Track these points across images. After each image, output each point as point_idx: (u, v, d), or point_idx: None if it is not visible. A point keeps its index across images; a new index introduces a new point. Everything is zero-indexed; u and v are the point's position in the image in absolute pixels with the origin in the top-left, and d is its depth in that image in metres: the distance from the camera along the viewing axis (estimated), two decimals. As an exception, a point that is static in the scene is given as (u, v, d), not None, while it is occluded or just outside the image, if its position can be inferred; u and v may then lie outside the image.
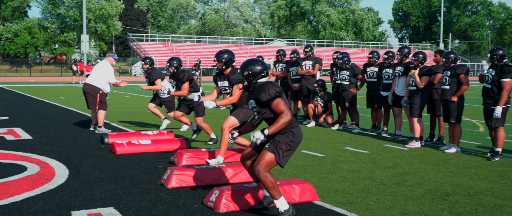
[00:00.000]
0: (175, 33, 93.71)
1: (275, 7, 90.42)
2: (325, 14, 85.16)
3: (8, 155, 7.99)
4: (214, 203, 5.14)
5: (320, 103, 12.22)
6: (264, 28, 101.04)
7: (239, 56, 62.66)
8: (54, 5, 66.02)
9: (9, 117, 13.43)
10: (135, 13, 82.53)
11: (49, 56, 77.00)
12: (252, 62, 4.87)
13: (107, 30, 66.60)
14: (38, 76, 52.50)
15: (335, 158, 8.02)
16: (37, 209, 5.11)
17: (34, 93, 23.97)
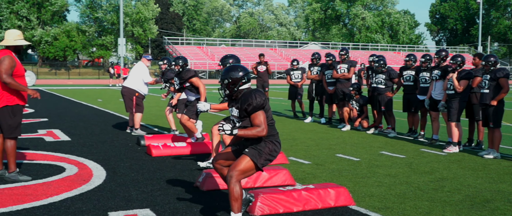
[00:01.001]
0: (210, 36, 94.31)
1: (310, 10, 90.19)
2: (360, 17, 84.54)
3: (47, 156, 8.15)
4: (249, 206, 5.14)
5: (355, 106, 12.12)
6: (299, 31, 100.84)
7: (274, 60, 62.70)
8: (92, 9, 67.24)
9: (49, 119, 13.71)
10: (170, 16, 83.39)
11: (87, 59, 78.39)
12: (232, 68, 4.61)
13: (144, 33, 67.47)
14: (76, 79, 53.52)
15: (371, 163, 7.94)
16: (75, 209, 5.19)
17: (73, 96, 24.43)
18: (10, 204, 5.32)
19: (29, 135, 10.41)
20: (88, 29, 66.66)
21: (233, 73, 4.57)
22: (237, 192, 4.40)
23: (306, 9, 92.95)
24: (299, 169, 7.35)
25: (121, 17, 43.96)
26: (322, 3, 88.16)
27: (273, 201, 5.13)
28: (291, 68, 14.88)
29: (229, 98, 4.67)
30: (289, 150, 9.00)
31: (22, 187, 6.07)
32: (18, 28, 61.52)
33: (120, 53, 43.80)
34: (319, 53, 14.07)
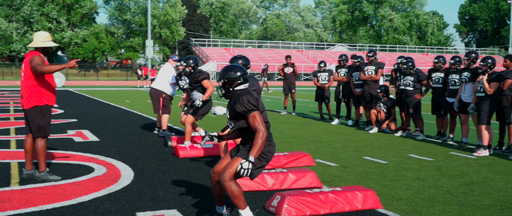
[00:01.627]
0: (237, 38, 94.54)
1: (337, 12, 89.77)
2: (388, 18, 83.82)
3: (76, 156, 8.26)
4: (275, 208, 5.13)
5: (383, 108, 12.01)
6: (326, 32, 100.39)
7: (301, 61, 62.58)
8: (120, 11, 68.01)
9: (78, 119, 13.90)
10: (197, 18, 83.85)
11: (115, 61, 79.31)
12: (229, 68, 4.60)
13: (171, 35, 67.99)
14: (104, 80, 54.17)
15: (399, 165, 7.85)
16: (104, 209, 5.25)
17: (101, 97, 24.72)
18: (40, 203, 5.40)
19: (58, 136, 10.57)
20: (117, 31, 67.47)
21: (230, 73, 4.56)
22: (236, 190, 4.36)
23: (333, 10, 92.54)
24: (326, 172, 7.31)
25: (149, 19, 44.35)
26: (349, 4, 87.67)
27: (300, 204, 5.11)
28: (318, 70, 14.82)
29: (226, 98, 4.67)
30: (315, 152, 8.96)
31: (52, 186, 6.17)
32: (48, 30, 62.57)
33: (148, 55, 44.19)
34: (346, 55, 13.99)
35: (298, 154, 7.87)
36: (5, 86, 36.62)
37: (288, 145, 9.83)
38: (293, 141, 10.46)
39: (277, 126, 12.99)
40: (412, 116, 11.29)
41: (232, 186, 4.34)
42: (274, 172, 6.35)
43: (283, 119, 14.72)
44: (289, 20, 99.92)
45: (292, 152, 8.00)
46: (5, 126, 12.00)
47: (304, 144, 9.97)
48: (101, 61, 73.58)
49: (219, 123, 13.39)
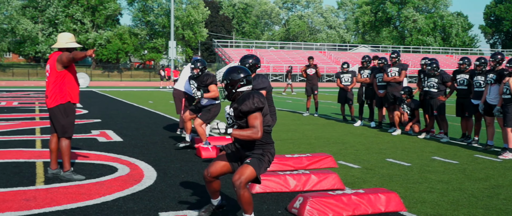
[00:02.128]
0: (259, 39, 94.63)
1: (359, 13, 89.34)
2: (412, 19, 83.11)
3: (100, 156, 8.34)
4: (298, 209, 5.12)
5: (406, 110, 11.90)
6: (348, 34, 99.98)
7: (323, 62, 62.35)
8: (144, 13, 68.57)
9: (101, 119, 14.03)
10: (220, 19, 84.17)
11: (138, 62, 79.96)
12: (232, 70, 4.56)
13: (194, 36, 68.34)
14: (128, 81, 54.64)
15: (423, 168, 7.77)
16: (127, 209, 5.29)
17: (124, 97, 24.94)
18: (65, 203, 5.47)
19: (82, 136, 10.68)
20: (140, 32, 68.04)
21: (233, 74, 4.53)
22: (248, 197, 4.40)
23: (356, 11, 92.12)
24: (348, 174, 7.27)
25: (172, 20, 44.62)
26: (373, 5, 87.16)
27: (322, 205, 5.08)
28: (341, 71, 14.76)
29: (229, 99, 4.64)
30: (338, 154, 8.91)
31: (76, 186, 6.23)
32: (73, 31, 63.37)
33: (171, 56, 44.46)
34: (369, 56, 13.91)
35: (321, 155, 7.83)
36: (31, 86, 37.17)
37: (310, 147, 9.80)
38: (316, 142, 10.43)
39: (299, 127, 12.96)
40: (436, 118, 11.17)
41: (246, 192, 4.38)
42: (296, 174, 6.34)
43: (305, 121, 14.68)
44: (311, 21, 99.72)
45: (315, 154, 7.97)
46: (30, 126, 12.17)
47: (327, 146, 9.93)
48: (125, 62, 74.25)
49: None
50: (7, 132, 11.09)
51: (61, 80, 6.50)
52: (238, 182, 4.34)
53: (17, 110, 16.61)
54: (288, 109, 19.02)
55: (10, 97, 23.30)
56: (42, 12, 64.83)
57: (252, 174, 4.41)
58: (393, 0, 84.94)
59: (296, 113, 17.22)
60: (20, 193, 5.82)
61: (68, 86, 6.56)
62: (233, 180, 4.36)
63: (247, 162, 4.46)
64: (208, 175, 4.67)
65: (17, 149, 8.79)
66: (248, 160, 4.48)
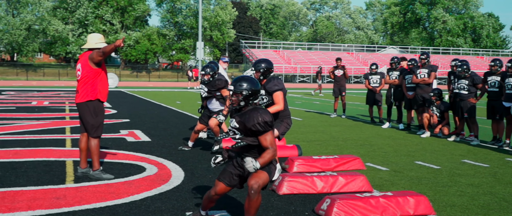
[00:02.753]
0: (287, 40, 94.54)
1: (388, 14, 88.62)
2: (441, 20, 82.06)
3: (128, 155, 8.43)
4: (325, 211, 5.09)
5: (435, 112, 11.75)
6: (377, 35, 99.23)
7: (351, 64, 61.98)
8: (172, 14, 69.11)
9: (130, 119, 14.18)
10: (248, 20, 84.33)
11: (166, 62, 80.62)
12: (255, 80, 4.43)
13: (222, 37, 68.61)
14: (156, 81, 55.11)
15: (452, 171, 7.66)
16: (155, 208, 5.33)
17: (152, 97, 25.15)
18: (94, 201, 5.53)
19: (111, 135, 10.81)
20: (168, 33, 68.58)
21: (248, 86, 4.36)
22: (259, 202, 4.29)
23: (385, 12, 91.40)
24: (376, 176, 7.21)
25: (200, 21, 44.87)
26: (402, 6, 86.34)
27: (350, 207, 5.04)
28: (369, 72, 14.64)
29: (237, 111, 4.45)
30: (366, 156, 8.84)
31: (105, 185, 6.31)
32: (103, 32, 64.19)
33: (198, 57, 44.71)
34: (398, 57, 13.77)
35: (348, 157, 7.78)
36: (61, 86, 37.76)
37: (338, 148, 9.74)
38: (343, 144, 10.37)
39: (327, 128, 12.90)
40: (467, 121, 11.00)
41: (259, 197, 4.27)
42: (324, 175, 6.31)
43: (333, 122, 14.61)
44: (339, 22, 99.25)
45: (342, 155, 7.92)
46: (61, 125, 12.36)
47: (354, 148, 9.86)
48: (153, 62, 74.92)
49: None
50: (38, 131, 11.29)
51: (93, 77, 6.60)
52: (256, 186, 4.22)
53: (47, 109, 16.89)
54: (315, 110, 18.95)
55: (41, 97, 23.71)
56: (72, 13, 65.84)
57: (267, 179, 4.32)
58: (423, 1, 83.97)
59: (323, 114, 17.15)
60: (50, 191, 5.92)
61: (99, 84, 6.66)
62: (250, 184, 4.22)
63: (262, 168, 4.34)
64: (215, 194, 4.58)
65: (48, 148, 8.94)
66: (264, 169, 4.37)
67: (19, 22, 59.85)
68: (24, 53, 62.89)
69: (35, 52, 66.01)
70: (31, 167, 7.32)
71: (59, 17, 65.09)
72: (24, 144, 9.39)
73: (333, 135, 11.78)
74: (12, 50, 63.94)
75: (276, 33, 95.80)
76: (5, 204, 5.35)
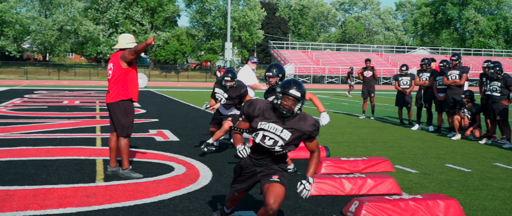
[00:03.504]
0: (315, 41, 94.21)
1: (418, 14, 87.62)
2: (473, 21, 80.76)
3: (157, 155, 8.50)
4: (353, 213, 5.05)
5: (467, 115, 11.56)
6: (407, 35, 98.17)
7: (380, 65, 61.46)
8: (201, 14, 69.49)
9: (159, 119, 14.29)
10: (276, 21, 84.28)
11: (195, 63, 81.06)
12: (301, 84, 4.09)
13: (250, 37, 68.71)
14: (184, 81, 55.46)
15: (483, 174, 7.52)
16: (183, 208, 5.36)
17: (181, 98, 25.32)
18: (123, 200, 5.59)
19: (141, 135, 10.91)
20: (197, 34, 68.97)
21: (303, 88, 4.06)
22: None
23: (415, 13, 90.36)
24: (405, 178, 7.13)
25: (229, 22, 45.01)
26: (433, 6, 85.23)
27: (379, 210, 4.99)
28: (399, 73, 14.49)
29: (283, 117, 4.06)
30: (395, 158, 8.75)
31: (134, 184, 6.37)
32: (132, 32, 64.90)
33: (227, 57, 44.84)
34: (429, 58, 13.60)
35: (377, 159, 7.71)
36: (91, 86, 38.29)
37: (366, 150, 9.66)
38: (372, 146, 10.28)
39: (355, 130, 12.81)
40: (499, 123, 10.80)
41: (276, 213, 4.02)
42: (352, 177, 6.26)
43: (361, 124, 14.50)
44: (368, 22, 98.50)
45: (371, 157, 7.85)
46: (91, 124, 12.53)
47: (383, 149, 9.77)
48: (182, 62, 75.43)
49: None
50: (69, 130, 11.46)
51: (124, 77, 6.67)
52: (276, 206, 3.94)
53: (78, 108, 17.14)
54: (344, 111, 18.83)
55: (72, 96, 24.08)
56: (103, 13, 66.72)
57: (284, 193, 4.07)
58: (454, 1, 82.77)
59: (352, 115, 17.03)
60: (80, 190, 6.00)
61: (131, 83, 6.73)
62: (270, 204, 3.92)
63: (276, 180, 4.10)
64: (237, 196, 4.49)
65: (79, 147, 9.07)
66: (276, 178, 4.12)
67: (51, 23, 60.89)
68: (56, 53, 63.95)
69: (66, 52, 67.06)
70: (62, 165, 7.43)
71: (90, 17, 66.03)
72: (56, 142, 9.55)
73: (361, 136, 11.69)
74: (45, 50, 65.08)
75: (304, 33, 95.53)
76: (36, 202, 5.44)
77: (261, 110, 4.15)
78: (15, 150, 8.53)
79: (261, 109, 4.15)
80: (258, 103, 4.19)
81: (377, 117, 16.41)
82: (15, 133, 10.66)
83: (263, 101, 4.23)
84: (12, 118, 13.51)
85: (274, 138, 4.09)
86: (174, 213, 5.17)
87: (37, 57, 74.79)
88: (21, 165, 7.34)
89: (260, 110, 4.16)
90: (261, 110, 4.15)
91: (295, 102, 4.03)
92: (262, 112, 4.15)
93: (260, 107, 4.17)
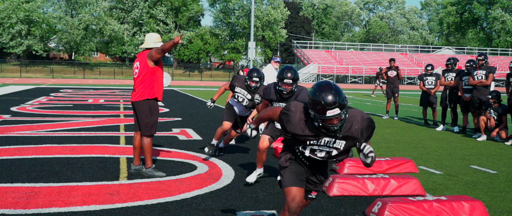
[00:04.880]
0: (339, 40, 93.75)
1: (444, 14, 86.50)
2: (500, 20, 79.48)
3: (180, 154, 8.54)
4: (376, 214, 5.01)
5: (493, 115, 11.38)
6: (432, 35, 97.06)
7: (404, 64, 60.91)
8: (225, 14, 69.66)
9: (182, 118, 14.36)
10: (300, 20, 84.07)
11: (218, 62, 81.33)
12: (339, 90, 3.51)
13: (273, 37, 68.65)
14: (208, 81, 55.69)
15: (510, 176, 7.40)
16: (206, 206, 5.38)
17: (204, 97, 25.41)
18: (146, 198, 5.63)
19: (164, 133, 10.98)
20: (221, 33, 69.15)
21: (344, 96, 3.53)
22: None
23: (441, 12, 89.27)
24: (429, 179, 7.05)
25: (252, 21, 45.04)
26: (458, 6, 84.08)
27: (402, 211, 4.95)
28: (424, 73, 14.33)
29: (334, 133, 3.62)
30: (419, 159, 8.66)
31: (157, 182, 6.41)
32: (157, 31, 65.33)
33: (250, 56, 44.89)
34: (454, 58, 13.43)
35: (401, 160, 7.64)
36: (116, 84, 38.65)
37: (390, 151, 9.58)
38: (396, 146, 10.18)
39: (379, 130, 12.71)
40: (526, 124, 10.62)
41: None
42: (375, 178, 6.21)
43: (385, 124, 14.38)
44: (393, 22, 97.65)
45: (394, 158, 7.78)
46: (115, 123, 12.64)
47: (407, 150, 9.67)
48: (205, 62, 75.72)
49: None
50: (93, 128, 11.59)
51: (151, 76, 6.71)
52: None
53: (103, 107, 17.32)
54: (367, 111, 18.71)
55: (97, 95, 24.34)
56: (128, 13, 67.31)
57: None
58: (481, 0, 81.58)
59: (375, 115, 16.91)
60: (104, 187, 6.06)
61: (156, 83, 6.77)
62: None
63: (313, 197, 4.09)
64: (297, 205, 3.82)
65: (103, 145, 9.16)
66: (314, 196, 4.09)
67: (77, 22, 61.64)
68: (82, 52, 64.72)
69: (91, 51, 67.85)
70: (87, 163, 7.51)
71: (115, 17, 66.67)
72: (80, 140, 9.66)
73: (385, 137, 11.60)
74: (70, 49, 65.89)
75: (328, 33, 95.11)
76: (61, 199, 5.51)
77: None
78: (40, 148, 8.65)
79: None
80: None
81: (401, 117, 16.26)
82: (41, 131, 10.82)
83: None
84: (38, 116, 13.71)
85: (330, 151, 3.83)
86: (197, 212, 5.19)
87: (63, 56, 75.75)
88: (46, 163, 7.45)
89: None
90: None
91: (343, 112, 3.56)
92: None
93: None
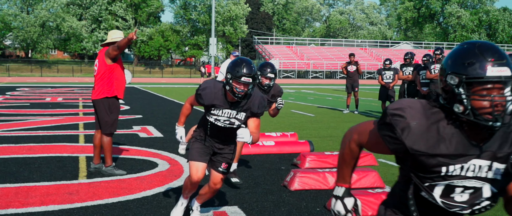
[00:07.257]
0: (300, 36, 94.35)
1: (402, 9, 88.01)
2: (456, 15, 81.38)
3: (141, 151, 8.46)
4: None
5: (449, 108, 11.63)
6: (390, 30, 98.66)
7: (364, 59, 61.74)
8: (186, 10, 69.22)
9: (143, 115, 14.23)
10: (261, 16, 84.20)
11: (179, 58, 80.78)
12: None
13: (234, 32, 68.62)
14: (169, 77, 55.26)
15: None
16: (167, 203, 5.35)
17: (165, 94, 25.23)
18: (107, 197, 5.56)
19: (124, 131, 10.85)
20: (182, 29, 68.70)
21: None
22: None
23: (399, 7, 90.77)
24: (388, 172, 7.17)
25: (213, 18, 44.93)
26: (416, 1, 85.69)
27: (362, 204, 5.02)
28: (383, 68, 14.56)
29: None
30: (379, 151, 8.78)
31: (117, 180, 6.34)
32: (116, 28, 64.44)
33: (211, 53, 44.77)
34: (412, 53, 13.68)
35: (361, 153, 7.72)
36: (75, 82, 38.00)
37: (350, 144, 9.68)
38: (356, 140, 10.29)
39: (339, 124, 12.86)
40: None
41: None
42: (336, 171, 6.27)
43: (345, 118, 14.55)
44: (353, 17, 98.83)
45: (355, 151, 7.86)
46: (74, 121, 12.43)
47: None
48: (166, 58, 75.13)
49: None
50: (52, 127, 11.37)
51: (109, 73, 6.62)
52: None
53: (61, 105, 17.00)
54: (328, 106, 18.89)
55: (55, 93, 23.87)
56: (86, 9, 66.17)
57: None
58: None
59: (336, 110, 17.10)
60: (63, 187, 5.96)
61: (116, 80, 6.68)
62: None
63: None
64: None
65: (61, 144, 9.00)
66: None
67: (33, 19, 60.27)
68: (39, 49, 63.30)
69: (49, 49, 66.45)
70: (45, 162, 7.37)
71: (72, 13, 65.44)
72: (38, 140, 9.47)
73: (345, 131, 11.71)
74: (27, 47, 64.42)
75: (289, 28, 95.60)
76: (18, 200, 5.39)
77: None
78: (-4, 148, 8.44)
79: None
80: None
81: (361, 112, 16.49)
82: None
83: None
84: (-6, 116, 13.37)
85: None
86: (158, 209, 5.15)
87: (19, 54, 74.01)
88: (2, 163, 7.27)
89: None
90: None
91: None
92: None
93: None
